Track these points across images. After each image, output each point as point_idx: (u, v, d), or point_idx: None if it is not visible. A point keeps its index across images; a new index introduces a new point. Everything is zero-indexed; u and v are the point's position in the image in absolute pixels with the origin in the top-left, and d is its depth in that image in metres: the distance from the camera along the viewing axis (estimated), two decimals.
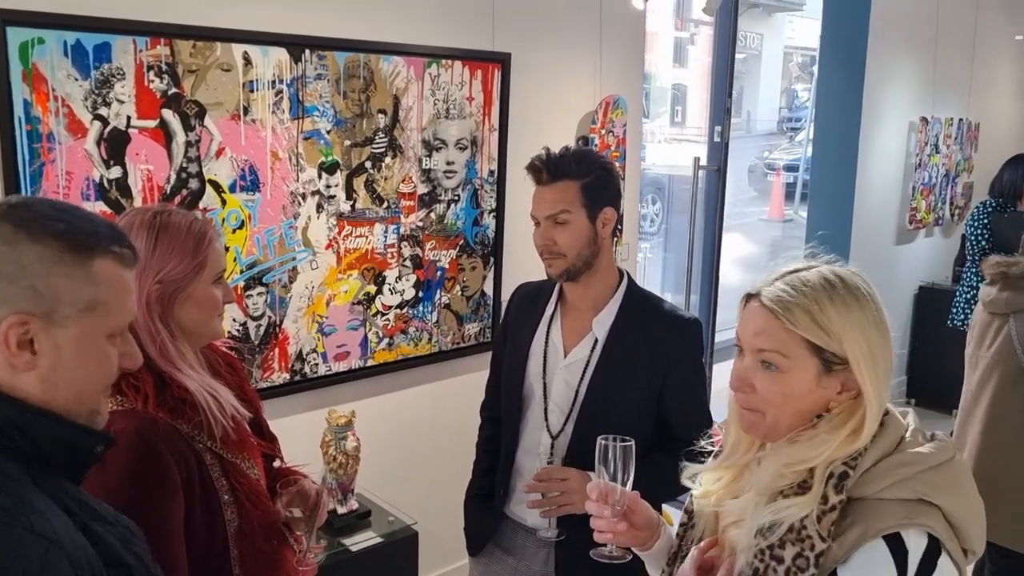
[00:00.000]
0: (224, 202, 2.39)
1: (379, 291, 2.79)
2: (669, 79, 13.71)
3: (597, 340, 1.85)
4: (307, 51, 2.49)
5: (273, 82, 2.43)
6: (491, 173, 3.02)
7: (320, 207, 2.60)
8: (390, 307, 2.84)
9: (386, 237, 2.78)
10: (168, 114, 2.26)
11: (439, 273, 2.95)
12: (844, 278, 1.15)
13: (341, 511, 2.42)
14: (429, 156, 2.84)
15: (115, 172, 2.20)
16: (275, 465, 1.66)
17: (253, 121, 2.41)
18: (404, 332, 2.89)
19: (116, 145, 2.19)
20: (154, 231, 1.39)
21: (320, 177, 2.58)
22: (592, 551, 1.43)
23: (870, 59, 4.81)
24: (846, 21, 4.91)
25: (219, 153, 2.36)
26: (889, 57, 4.95)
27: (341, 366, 2.74)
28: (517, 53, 3.02)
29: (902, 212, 5.31)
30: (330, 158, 2.60)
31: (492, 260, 3.09)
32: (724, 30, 4.47)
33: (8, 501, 0.87)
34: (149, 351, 1.37)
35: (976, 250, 4.34)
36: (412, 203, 2.82)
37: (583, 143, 3.30)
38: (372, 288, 2.77)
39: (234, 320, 2.46)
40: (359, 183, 2.68)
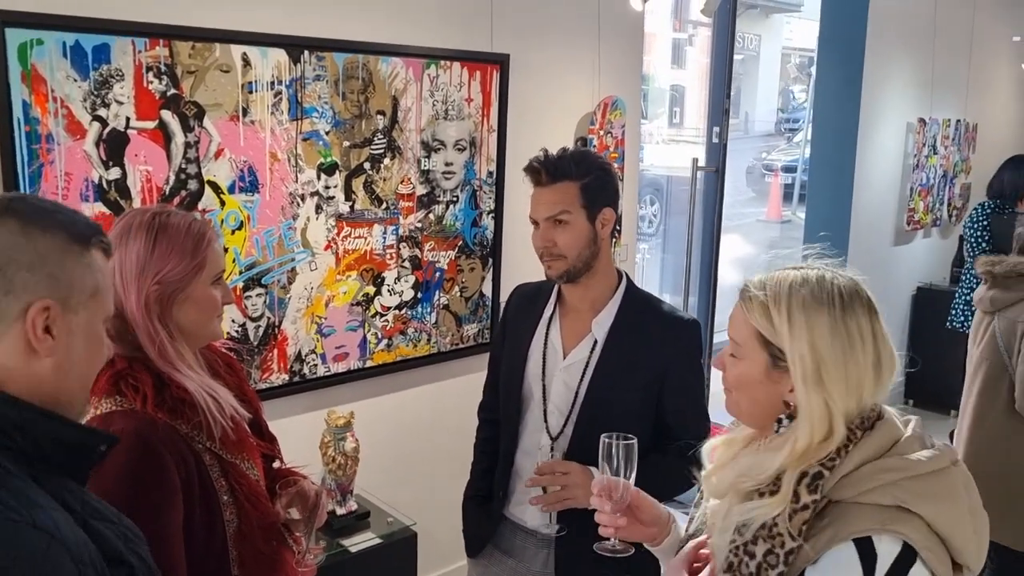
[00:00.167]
0: (223, 203, 2.39)
1: (378, 292, 2.80)
2: (667, 80, 13.72)
3: (596, 341, 1.84)
4: (306, 52, 2.49)
5: (272, 83, 2.44)
6: (490, 174, 3.03)
7: (319, 208, 2.60)
8: (389, 308, 2.84)
9: (385, 238, 2.78)
10: (167, 115, 2.26)
11: (438, 274, 2.95)
12: (821, 281, 1.14)
13: (340, 512, 2.42)
14: (428, 157, 2.84)
15: (114, 173, 2.20)
16: (275, 466, 1.66)
17: (252, 122, 2.41)
18: (403, 333, 2.89)
19: (115, 146, 2.19)
20: (153, 232, 1.39)
21: (319, 178, 2.58)
22: (595, 544, 1.45)
23: (868, 60, 4.82)
24: (844, 22, 4.91)
25: (218, 154, 2.37)
26: (887, 58, 4.96)
27: (340, 367, 2.74)
28: (516, 54, 3.03)
29: (900, 213, 5.31)
30: (329, 159, 2.60)
31: (491, 261, 3.09)
32: (722, 31, 4.48)
33: (9, 497, 0.87)
34: (148, 351, 1.38)
35: (977, 252, 4.32)
36: (411, 204, 2.83)
37: (582, 144, 3.30)
38: (371, 289, 2.78)
39: (233, 321, 2.46)
40: (358, 184, 2.68)
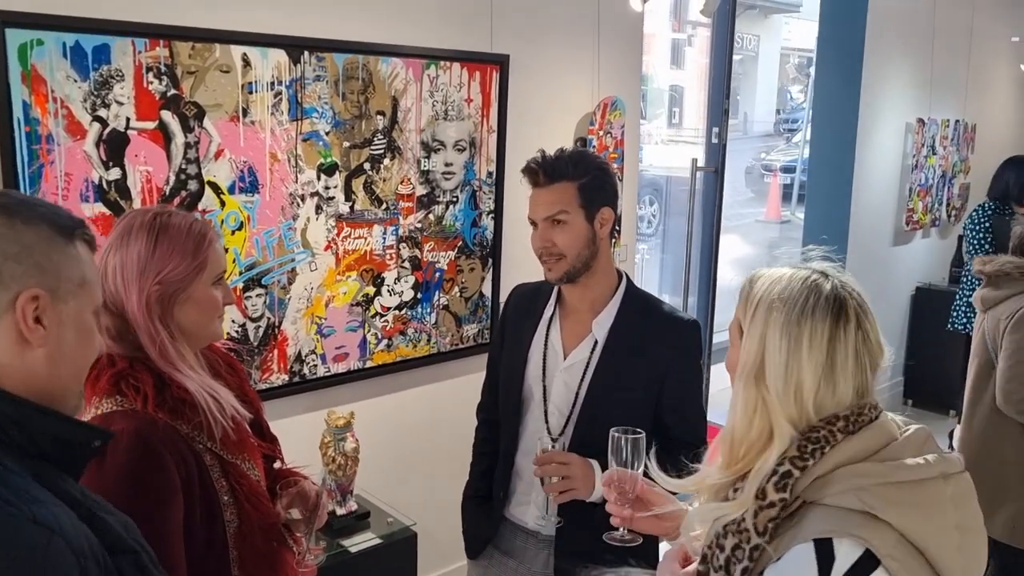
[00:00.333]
0: (223, 203, 2.39)
1: (378, 292, 2.80)
2: (666, 80, 13.70)
3: (597, 342, 1.84)
4: (306, 53, 2.49)
5: (272, 83, 2.44)
6: (489, 174, 3.03)
7: (319, 208, 2.60)
8: (389, 308, 2.84)
9: (385, 238, 2.78)
10: (167, 115, 2.26)
11: (438, 274, 2.95)
12: (799, 282, 1.13)
13: (340, 512, 2.42)
14: (428, 157, 2.84)
15: (114, 173, 2.20)
16: (275, 466, 1.66)
17: (252, 123, 2.41)
18: (403, 333, 2.89)
19: (115, 146, 2.19)
20: (154, 232, 1.39)
21: (319, 178, 2.58)
22: (605, 534, 1.49)
23: (867, 61, 4.82)
24: (843, 23, 4.92)
25: (218, 154, 2.37)
26: (886, 58, 4.96)
27: (340, 367, 2.74)
28: (515, 54, 3.03)
29: (899, 213, 5.32)
30: (329, 159, 2.60)
31: (491, 261, 3.09)
32: (721, 32, 4.48)
33: (9, 493, 0.88)
34: (149, 352, 1.38)
35: (980, 253, 4.30)
36: (411, 204, 2.83)
37: (581, 144, 3.30)
38: (371, 289, 2.78)
39: (233, 322, 2.46)
40: (358, 184, 2.68)
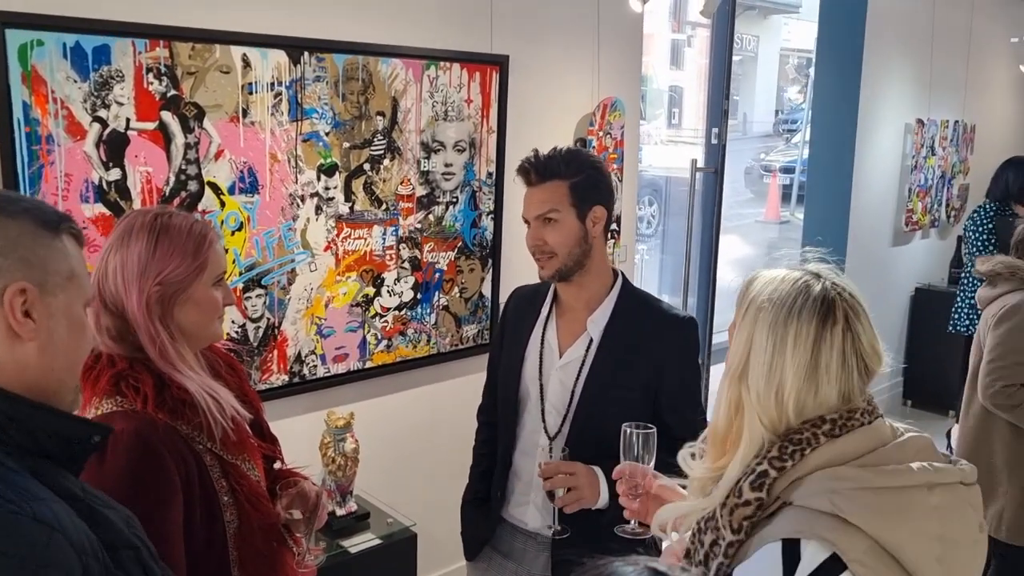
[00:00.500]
0: (223, 204, 2.39)
1: (378, 293, 2.80)
2: (666, 81, 13.71)
3: (592, 340, 1.85)
4: (306, 53, 2.49)
5: (272, 84, 2.44)
6: (489, 175, 3.03)
7: (319, 209, 2.60)
8: (389, 309, 2.84)
9: (384, 239, 2.78)
10: (167, 116, 2.26)
11: (437, 275, 2.95)
12: (790, 283, 1.13)
13: (340, 513, 2.42)
14: (427, 158, 2.84)
15: (114, 174, 2.20)
16: (275, 467, 1.66)
17: (252, 123, 2.41)
18: (403, 334, 2.89)
19: (115, 147, 2.19)
20: (155, 233, 1.40)
21: (319, 179, 2.58)
22: (616, 527, 1.52)
23: (866, 61, 4.83)
24: (842, 23, 4.92)
25: (218, 155, 2.37)
26: (885, 59, 4.97)
27: (340, 368, 2.74)
28: (515, 55, 3.03)
29: (898, 214, 5.32)
30: (329, 160, 2.60)
31: (490, 262, 3.09)
32: (721, 32, 4.49)
33: (8, 490, 0.88)
34: (149, 352, 1.38)
35: (983, 255, 4.30)
36: (411, 205, 2.83)
37: (581, 145, 3.30)
38: (371, 290, 2.78)
39: (233, 322, 2.46)
40: (358, 185, 2.68)
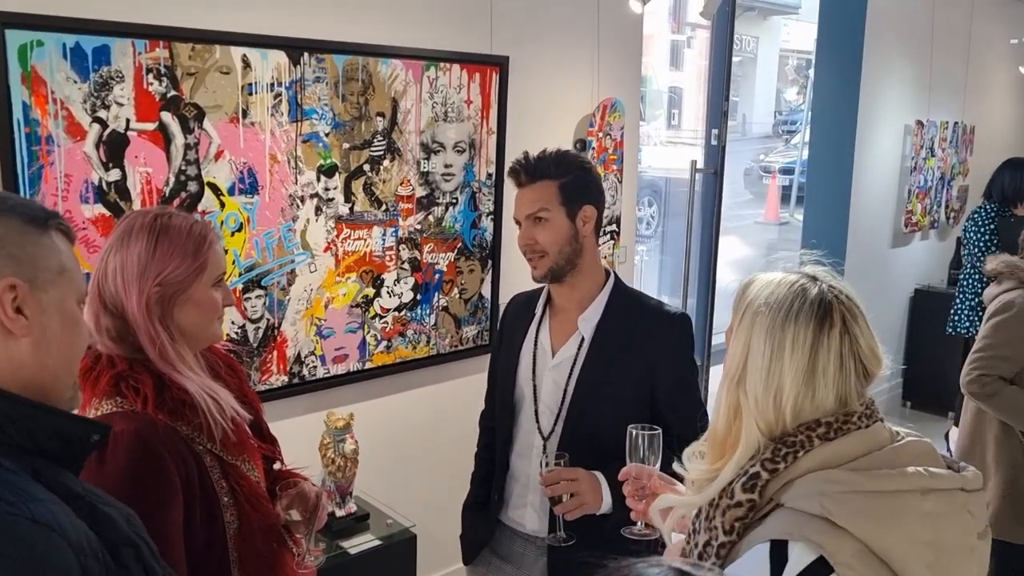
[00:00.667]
0: (223, 205, 2.39)
1: (377, 294, 2.80)
2: (665, 82, 13.71)
3: (583, 338, 1.86)
4: (306, 54, 2.49)
5: (272, 85, 2.44)
6: (489, 176, 3.03)
7: (319, 210, 2.60)
8: (388, 310, 2.84)
9: (384, 240, 2.78)
10: (167, 117, 2.26)
11: (437, 276, 2.95)
12: (786, 287, 1.13)
13: (339, 514, 2.42)
14: (427, 159, 2.84)
15: (114, 175, 2.20)
16: (275, 467, 1.66)
17: (252, 124, 2.41)
18: (402, 335, 2.89)
19: (115, 148, 2.19)
20: (154, 233, 1.40)
21: (319, 180, 2.58)
22: (623, 528, 1.54)
23: (866, 62, 4.83)
24: (842, 24, 4.92)
25: (218, 156, 2.37)
26: (885, 60, 4.97)
27: (339, 369, 2.74)
28: (515, 56, 3.03)
29: (898, 215, 5.32)
30: (329, 161, 2.60)
31: (490, 263, 3.09)
32: (721, 33, 4.48)
33: (6, 491, 0.88)
34: (149, 353, 1.38)
35: (983, 256, 4.28)
36: (410, 206, 2.83)
37: (580, 146, 3.30)
38: (370, 291, 2.78)
39: (233, 323, 2.46)
40: (357, 186, 2.68)
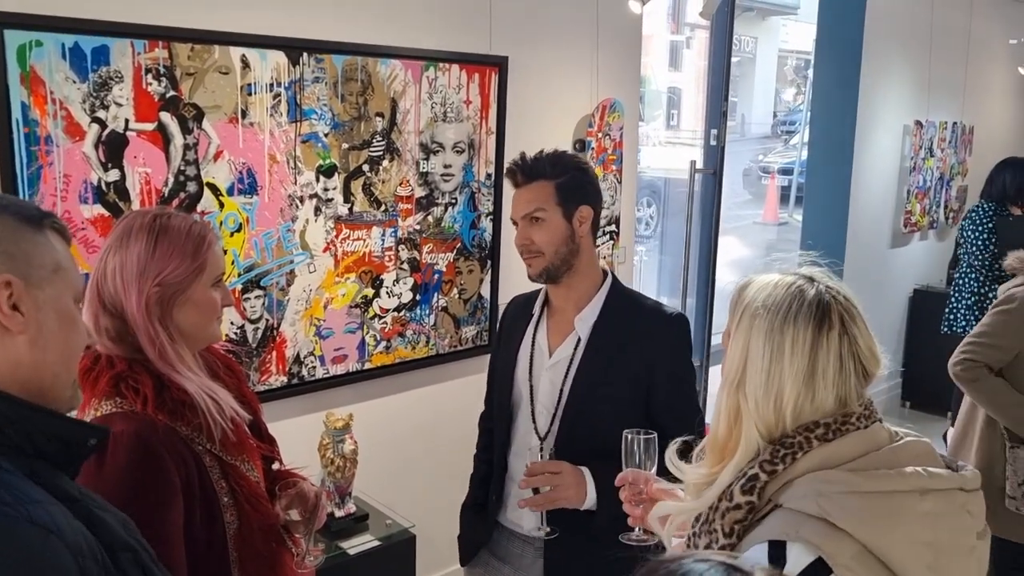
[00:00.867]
0: (222, 205, 2.39)
1: (376, 294, 2.80)
2: (665, 82, 13.73)
3: (580, 339, 1.86)
4: (305, 54, 2.49)
5: (271, 85, 2.44)
6: (488, 176, 3.03)
7: (318, 210, 2.60)
8: (388, 310, 2.84)
9: (384, 240, 2.78)
10: (166, 117, 2.26)
11: (436, 276, 2.95)
12: (784, 288, 1.12)
13: (339, 514, 2.42)
14: (427, 159, 2.84)
15: (113, 175, 2.20)
16: (274, 468, 1.66)
17: (251, 124, 2.41)
18: (401, 335, 2.89)
19: (114, 148, 2.19)
20: (154, 234, 1.39)
21: (318, 180, 2.58)
22: (621, 535, 1.54)
23: (865, 63, 4.83)
24: (841, 25, 4.92)
25: (217, 156, 2.37)
26: (884, 60, 4.97)
27: (339, 369, 2.74)
28: (514, 56, 3.03)
29: (897, 215, 5.33)
30: (328, 161, 2.60)
31: (489, 263, 3.09)
32: (720, 34, 4.48)
33: (4, 493, 0.87)
34: (148, 353, 1.38)
35: (986, 255, 4.25)
36: (410, 206, 2.83)
37: (579, 147, 3.30)
38: (370, 291, 2.78)
39: (232, 323, 2.46)
40: (357, 186, 2.68)
